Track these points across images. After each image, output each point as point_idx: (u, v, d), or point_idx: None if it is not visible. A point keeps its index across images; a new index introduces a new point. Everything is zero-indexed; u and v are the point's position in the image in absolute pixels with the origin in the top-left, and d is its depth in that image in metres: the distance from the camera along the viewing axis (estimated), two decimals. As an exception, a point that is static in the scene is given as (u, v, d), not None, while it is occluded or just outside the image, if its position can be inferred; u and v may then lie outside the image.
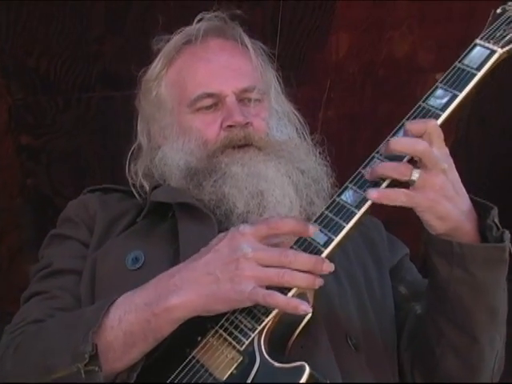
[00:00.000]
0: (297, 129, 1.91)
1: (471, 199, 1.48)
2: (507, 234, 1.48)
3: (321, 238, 1.43)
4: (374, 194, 1.40)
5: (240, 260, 1.36)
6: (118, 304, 1.44)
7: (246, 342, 1.39)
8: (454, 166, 1.44)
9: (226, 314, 1.42)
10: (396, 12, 2.79)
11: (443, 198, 1.41)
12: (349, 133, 3.13)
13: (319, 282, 1.38)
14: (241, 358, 1.38)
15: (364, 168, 1.46)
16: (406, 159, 1.42)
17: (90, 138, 2.87)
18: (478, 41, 1.55)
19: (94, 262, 1.66)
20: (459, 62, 1.52)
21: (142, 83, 1.91)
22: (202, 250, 1.43)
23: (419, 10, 2.79)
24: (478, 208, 1.49)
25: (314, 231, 1.40)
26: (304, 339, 1.47)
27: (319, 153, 1.84)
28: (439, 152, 1.41)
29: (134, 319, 1.40)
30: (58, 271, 1.69)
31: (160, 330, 1.40)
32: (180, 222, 1.67)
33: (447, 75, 1.51)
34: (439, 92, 1.49)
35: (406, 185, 1.42)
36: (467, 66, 1.51)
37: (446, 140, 1.45)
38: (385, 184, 1.42)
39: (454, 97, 1.47)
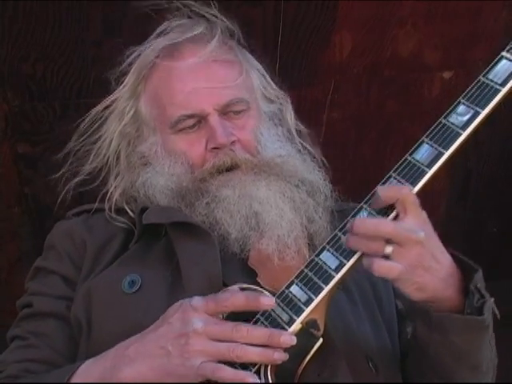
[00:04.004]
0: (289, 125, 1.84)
1: (455, 257, 1.45)
2: (488, 304, 1.44)
3: (332, 262, 1.40)
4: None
5: (190, 334, 1.34)
6: (77, 375, 1.45)
7: (253, 370, 1.35)
8: (432, 231, 1.40)
9: None
10: (400, 10, 2.73)
11: (421, 270, 1.37)
12: (354, 134, 3.08)
13: (279, 355, 1.34)
14: None
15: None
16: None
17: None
18: (504, 53, 1.48)
19: (88, 291, 1.62)
20: (483, 75, 1.46)
21: (115, 102, 1.84)
22: (157, 322, 1.41)
23: (424, 7, 2.74)
24: (462, 268, 1.46)
25: (268, 304, 1.36)
26: (320, 367, 1.44)
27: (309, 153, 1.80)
28: (414, 221, 1.36)
29: None
30: (39, 314, 1.67)
31: None
32: (176, 241, 1.62)
33: (470, 90, 1.45)
34: (461, 108, 1.44)
35: None
36: (491, 80, 1.45)
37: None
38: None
39: (476, 114, 1.43)
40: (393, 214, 1.38)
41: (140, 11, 2.06)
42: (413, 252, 1.35)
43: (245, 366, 1.35)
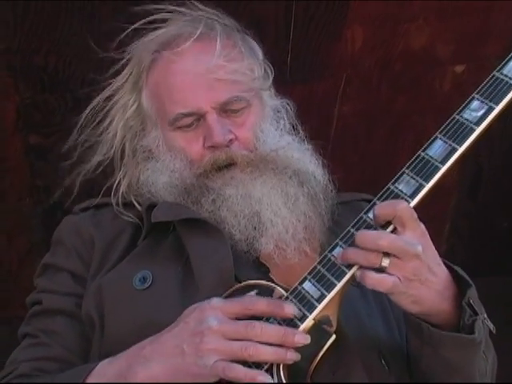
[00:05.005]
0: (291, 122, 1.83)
1: (451, 269, 1.45)
2: (478, 322, 1.44)
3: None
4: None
5: (205, 333, 1.34)
6: (92, 374, 1.46)
7: (265, 367, 1.36)
8: (430, 243, 1.40)
9: None
10: (412, 3, 2.73)
11: (417, 283, 1.37)
12: (365, 128, 3.08)
13: (291, 355, 1.34)
14: None
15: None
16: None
17: (101, 137, 2.83)
18: None
19: (99, 288, 1.62)
20: (498, 71, 1.45)
21: (117, 95, 1.83)
22: (174, 323, 1.42)
23: (437, 1, 2.72)
24: (458, 280, 1.46)
25: (291, 313, 1.37)
26: (335, 365, 1.44)
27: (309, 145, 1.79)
28: (412, 235, 1.36)
29: None
30: (48, 311, 1.67)
31: None
32: (185, 238, 1.62)
33: (484, 85, 1.44)
34: (475, 104, 1.43)
35: None
36: (506, 75, 1.44)
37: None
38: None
39: (490, 110, 1.41)
40: (391, 228, 1.38)
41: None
42: (410, 265, 1.35)
43: (258, 364, 1.36)
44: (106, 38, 2.58)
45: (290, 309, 1.37)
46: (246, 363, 1.34)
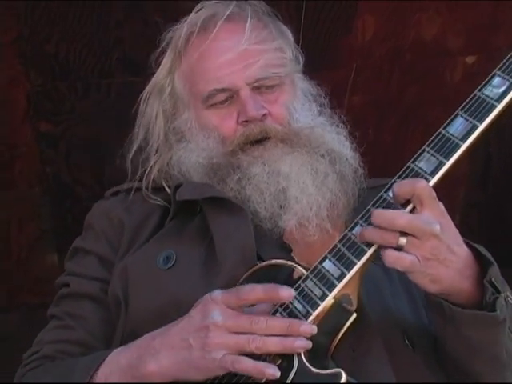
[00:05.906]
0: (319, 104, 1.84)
1: (474, 249, 1.44)
2: (500, 300, 1.43)
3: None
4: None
5: (210, 327, 1.37)
6: (106, 362, 1.49)
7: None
8: (450, 223, 1.40)
9: None
10: (424, -6, 2.72)
11: (435, 262, 1.37)
12: (375, 119, 3.07)
13: (300, 344, 1.35)
14: (279, 361, 1.37)
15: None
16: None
17: (110, 125, 2.83)
18: None
19: (125, 268, 1.64)
20: None
21: (152, 81, 1.85)
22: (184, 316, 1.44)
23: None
24: (481, 260, 1.45)
25: (287, 296, 1.38)
26: (355, 342, 1.45)
27: (341, 127, 1.79)
28: (431, 213, 1.36)
29: (117, 380, 1.46)
30: (75, 294, 1.71)
31: None
32: (210, 217, 1.63)
33: (506, 62, 1.43)
34: (496, 80, 1.41)
35: None
36: None
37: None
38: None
39: None
40: (410, 206, 1.38)
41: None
42: (428, 244, 1.35)
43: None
44: (118, 27, 2.61)
45: (286, 292, 1.37)
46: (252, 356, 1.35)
